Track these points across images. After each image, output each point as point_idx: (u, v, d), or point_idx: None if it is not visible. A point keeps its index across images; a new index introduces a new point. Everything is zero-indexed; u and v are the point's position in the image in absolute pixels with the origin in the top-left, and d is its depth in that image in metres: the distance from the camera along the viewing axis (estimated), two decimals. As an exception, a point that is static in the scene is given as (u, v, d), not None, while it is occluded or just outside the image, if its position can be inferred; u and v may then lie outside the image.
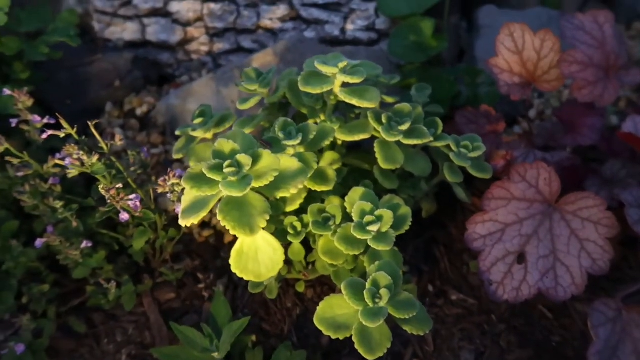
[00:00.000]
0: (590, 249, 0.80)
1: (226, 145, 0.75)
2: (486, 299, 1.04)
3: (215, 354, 0.89)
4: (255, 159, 0.73)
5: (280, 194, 0.76)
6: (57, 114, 0.87)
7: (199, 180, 0.74)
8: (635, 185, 0.84)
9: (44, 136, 0.88)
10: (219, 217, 0.73)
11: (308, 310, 1.03)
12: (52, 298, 1.01)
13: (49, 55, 1.19)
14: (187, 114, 1.33)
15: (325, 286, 1.05)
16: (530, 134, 1.08)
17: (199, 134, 0.98)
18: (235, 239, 1.18)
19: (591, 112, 0.97)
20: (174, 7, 1.50)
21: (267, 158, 0.74)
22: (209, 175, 0.72)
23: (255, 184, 0.72)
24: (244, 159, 0.72)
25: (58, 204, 0.92)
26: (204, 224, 1.20)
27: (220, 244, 1.17)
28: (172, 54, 1.54)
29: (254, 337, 0.98)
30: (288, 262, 0.97)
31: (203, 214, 0.76)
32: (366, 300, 0.72)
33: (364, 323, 0.71)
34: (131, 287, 1.00)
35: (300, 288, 1.00)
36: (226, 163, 0.73)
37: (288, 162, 0.77)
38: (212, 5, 1.47)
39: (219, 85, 1.34)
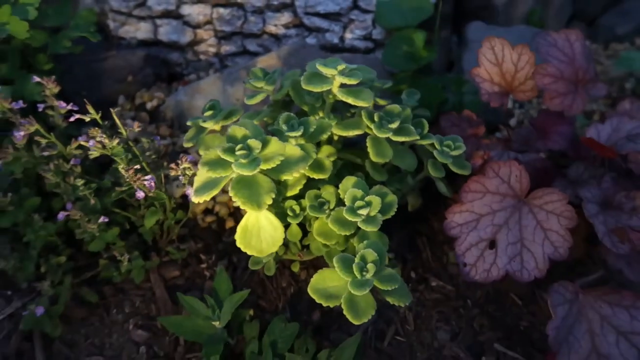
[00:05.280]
0: (552, 237, 0.91)
1: (239, 131, 0.85)
2: (463, 286, 1.14)
3: (217, 323, 0.98)
4: (264, 144, 0.84)
5: (284, 177, 0.86)
6: (85, 100, 0.97)
7: (214, 163, 0.84)
8: (594, 184, 0.95)
9: (72, 119, 0.98)
10: (230, 194, 0.82)
11: (301, 290, 1.12)
12: (67, 270, 1.10)
13: (70, 49, 1.29)
14: (195, 110, 1.43)
15: (318, 269, 1.15)
16: (509, 139, 1.20)
17: (208, 125, 1.08)
18: (235, 224, 1.28)
19: (561, 121, 1.09)
20: (185, 10, 1.60)
21: (275, 144, 0.84)
22: (223, 156, 0.82)
23: (263, 166, 0.82)
24: (255, 143, 0.83)
25: (79, 182, 1.01)
26: (207, 211, 1.30)
27: (222, 230, 1.27)
28: (181, 54, 1.64)
29: (251, 312, 1.07)
30: (285, 244, 1.07)
31: (215, 192, 0.86)
32: (355, 272, 0.83)
33: (352, 292, 0.82)
34: (141, 262, 1.09)
35: (295, 268, 1.10)
36: (238, 147, 0.83)
37: (291, 149, 0.88)
38: (222, 10, 1.58)
39: (225, 84, 1.45)
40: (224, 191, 1.32)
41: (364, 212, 0.89)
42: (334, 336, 1.06)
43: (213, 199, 1.32)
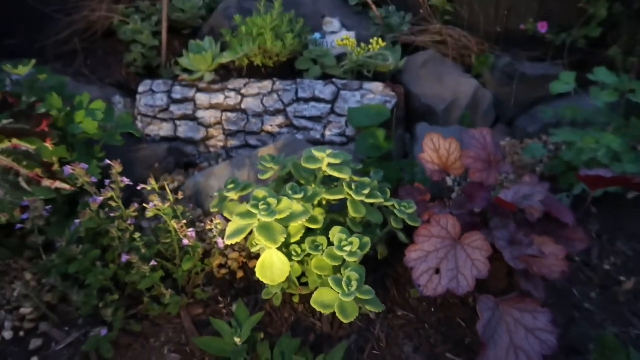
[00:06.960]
0: (477, 264, 1.31)
1: (260, 193, 1.26)
2: (422, 314, 1.51)
3: (239, 339, 1.30)
4: (278, 201, 1.24)
5: (291, 224, 1.25)
6: (150, 174, 1.37)
7: (244, 214, 1.23)
8: (505, 230, 1.38)
9: (139, 187, 1.36)
10: (256, 234, 1.20)
11: (300, 319, 1.46)
12: (119, 306, 1.41)
13: (119, 141, 1.70)
14: (209, 189, 1.83)
15: (311, 303, 1.50)
16: (448, 205, 1.63)
17: (231, 194, 1.48)
18: (244, 275, 1.63)
19: (482, 189, 1.54)
20: (200, 114, 2.06)
21: (285, 202, 1.25)
22: (251, 210, 1.22)
23: (278, 216, 1.22)
24: (272, 200, 1.23)
25: (137, 236, 1.37)
26: (221, 265, 1.65)
27: (234, 279, 1.61)
28: (195, 147, 2.08)
29: (262, 335, 1.39)
30: (288, 279, 1.43)
31: (243, 236, 1.24)
32: (343, 287, 1.20)
33: (342, 300, 1.18)
34: (177, 298, 1.42)
35: (296, 300, 1.44)
36: (260, 203, 1.23)
37: (296, 206, 1.28)
38: (229, 114, 2.05)
39: (234, 169, 1.87)
40: (234, 250, 1.68)
41: (348, 248, 1.28)
42: (327, 352, 1.38)
43: (226, 256, 1.67)
